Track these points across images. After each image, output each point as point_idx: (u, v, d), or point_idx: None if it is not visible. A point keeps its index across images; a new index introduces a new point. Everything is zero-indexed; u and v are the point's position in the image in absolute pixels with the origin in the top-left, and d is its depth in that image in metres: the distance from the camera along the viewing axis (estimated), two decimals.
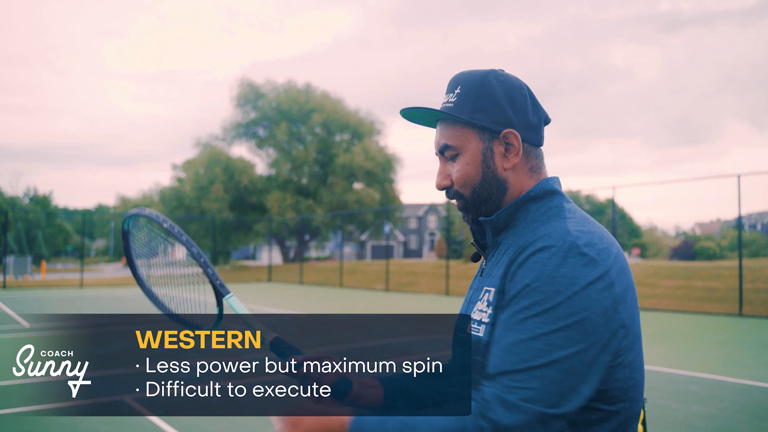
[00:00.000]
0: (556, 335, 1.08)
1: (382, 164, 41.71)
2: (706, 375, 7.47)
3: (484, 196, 1.31)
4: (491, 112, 1.30)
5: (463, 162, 1.31)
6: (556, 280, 1.11)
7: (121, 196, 78.28)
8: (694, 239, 51.90)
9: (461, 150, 1.31)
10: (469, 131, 1.30)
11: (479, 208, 1.32)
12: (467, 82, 1.32)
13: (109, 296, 20.47)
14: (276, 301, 18.86)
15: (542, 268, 1.13)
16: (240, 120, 43.55)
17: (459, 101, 1.31)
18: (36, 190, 69.67)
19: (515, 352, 1.09)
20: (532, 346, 1.08)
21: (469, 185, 1.31)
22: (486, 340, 1.18)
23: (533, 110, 1.33)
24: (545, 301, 1.10)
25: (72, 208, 78.32)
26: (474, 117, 1.29)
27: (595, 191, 58.22)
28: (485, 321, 1.21)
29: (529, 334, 1.09)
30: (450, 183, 1.33)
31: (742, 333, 11.98)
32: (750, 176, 15.74)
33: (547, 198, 1.29)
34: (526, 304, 1.11)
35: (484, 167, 1.30)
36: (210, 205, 40.30)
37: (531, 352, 1.08)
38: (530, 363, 1.07)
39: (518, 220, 1.28)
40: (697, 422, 5.40)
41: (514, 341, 1.09)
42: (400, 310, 16.19)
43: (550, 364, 1.07)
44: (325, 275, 31.47)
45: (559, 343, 1.08)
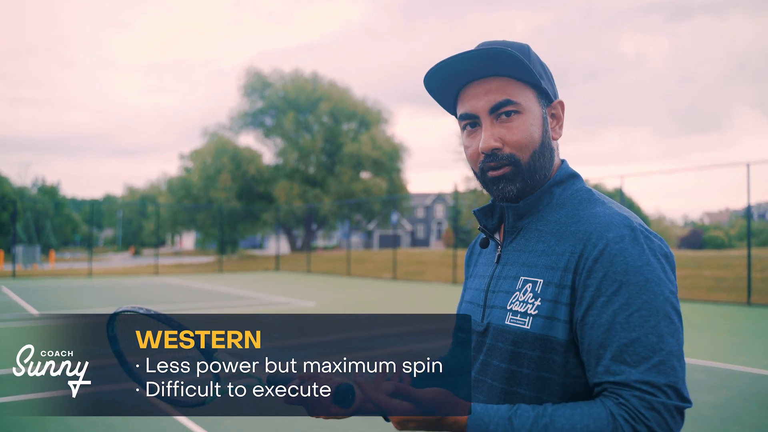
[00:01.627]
0: (661, 325, 1.07)
1: (389, 153, 41.65)
2: (714, 364, 7.44)
3: (540, 163, 1.22)
4: (547, 78, 1.25)
5: (527, 123, 1.20)
6: (643, 269, 1.10)
7: (129, 186, 78.74)
8: (703, 228, 51.68)
9: (524, 109, 1.20)
10: (530, 92, 1.22)
11: (533, 176, 1.22)
12: (515, 46, 1.23)
13: (117, 286, 20.60)
14: (284, 290, 18.92)
15: (625, 259, 1.10)
16: (247, 109, 43.56)
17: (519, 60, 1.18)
18: (44, 181, 70.02)
19: (634, 351, 1.06)
20: (648, 341, 1.06)
21: (530, 149, 1.21)
22: (537, 333, 1.15)
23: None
24: (642, 293, 1.08)
25: (80, 198, 78.75)
26: (542, 76, 1.23)
27: (603, 180, 58.01)
28: (532, 313, 1.16)
29: (641, 331, 1.07)
30: (501, 145, 1.20)
31: (751, 322, 11.94)
32: (760, 165, 15.64)
33: (570, 182, 1.27)
34: (624, 300, 1.08)
35: (544, 132, 1.23)
36: (217, 194, 40.39)
37: (649, 349, 1.06)
38: (653, 360, 1.05)
39: (542, 204, 1.25)
40: (705, 411, 5.38)
41: (628, 341, 1.07)
42: (408, 299, 16.22)
43: (669, 355, 1.06)
44: (333, 264, 31.53)
45: (666, 331, 1.07)
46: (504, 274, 1.26)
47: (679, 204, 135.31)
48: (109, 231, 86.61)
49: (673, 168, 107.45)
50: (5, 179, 54.00)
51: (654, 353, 1.06)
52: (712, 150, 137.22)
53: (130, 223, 76.46)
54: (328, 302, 15.08)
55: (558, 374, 1.14)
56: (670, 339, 1.07)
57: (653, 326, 1.07)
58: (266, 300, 15.74)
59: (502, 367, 1.20)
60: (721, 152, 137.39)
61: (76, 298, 15.98)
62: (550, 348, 1.14)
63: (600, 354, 1.09)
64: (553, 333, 1.14)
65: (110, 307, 14.16)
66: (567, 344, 1.13)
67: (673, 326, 1.08)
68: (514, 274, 1.23)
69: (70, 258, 46.14)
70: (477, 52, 1.18)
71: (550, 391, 1.15)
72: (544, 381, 1.15)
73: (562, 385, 1.14)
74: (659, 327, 1.07)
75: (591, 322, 1.10)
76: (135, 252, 64.17)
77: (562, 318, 1.14)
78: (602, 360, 1.08)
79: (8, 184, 54.05)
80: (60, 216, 64.04)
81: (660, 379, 1.05)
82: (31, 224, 50.10)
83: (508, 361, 1.19)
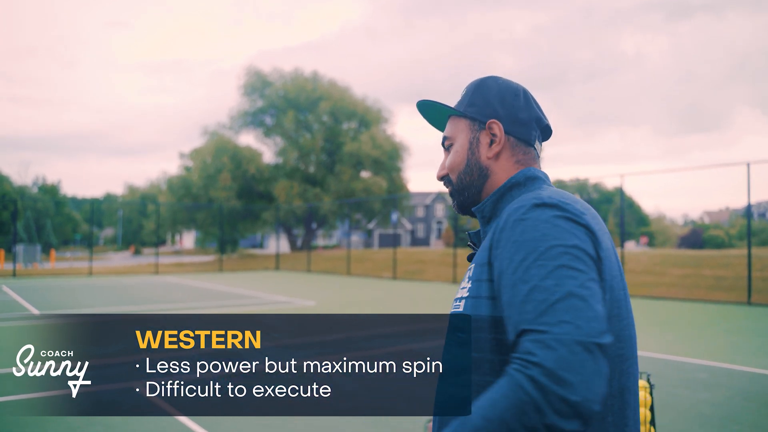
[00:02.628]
0: (559, 270, 1.06)
1: (389, 152, 41.63)
2: (714, 363, 7.45)
3: (467, 182, 1.39)
4: (481, 105, 1.40)
5: (454, 150, 1.42)
6: (540, 226, 1.12)
7: (129, 185, 78.64)
8: (703, 228, 51.68)
9: (454, 140, 1.42)
10: (463, 123, 1.42)
11: (462, 193, 1.40)
12: (470, 84, 1.46)
13: (118, 285, 20.60)
14: (284, 289, 18.92)
15: (524, 222, 1.14)
16: (247, 108, 43.53)
17: (461, 99, 1.44)
18: (45, 180, 70.03)
19: (532, 299, 1.05)
20: (544, 285, 1.05)
21: (456, 171, 1.41)
22: (466, 314, 1.19)
23: (525, 108, 1.39)
24: (537, 246, 1.10)
25: (80, 197, 78.76)
26: (467, 110, 1.41)
27: (603, 180, 58.06)
28: (465, 296, 1.23)
29: (537, 279, 1.06)
30: (446, 172, 1.43)
31: (751, 321, 11.94)
32: (760, 164, 15.62)
33: (529, 184, 1.32)
34: (521, 256, 1.10)
35: (469, 154, 1.39)
36: (217, 193, 40.38)
37: (546, 292, 1.04)
38: (550, 300, 1.03)
39: (502, 207, 1.31)
40: (705, 410, 5.39)
41: (527, 291, 1.06)
42: (408, 298, 16.22)
43: (569, 295, 1.04)
44: (333, 263, 31.53)
45: (566, 274, 1.06)
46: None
47: (679, 203, 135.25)
48: (109, 230, 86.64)
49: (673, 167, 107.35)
50: (6, 178, 54.00)
51: (551, 294, 1.04)
52: (712, 149, 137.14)
53: (130, 222, 76.48)
54: (328, 301, 15.09)
55: (487, 352, 1.15)
56: (570, 281, 1.05)
57: (550, 272, 1.06)
58: (266, 299, 15.74)
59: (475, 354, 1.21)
60: (721, 151, 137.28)
61: (77, 297, 15.98)
62: (478, 327, 1.17)
63: (508, 315, 1.09)
64: (479, 311, 1.18)
65: (111, 307, 14.11)
66: (491, 320, 1.16)
67: (573, 272, 1.07)
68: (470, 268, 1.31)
69: (70, 257, 46.15)
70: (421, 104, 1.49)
71: (481, 370, 1.15)
72: (476, 361, 1.16)
73: (490, 362, 1.15)
74: (557, 272, 1.06)
75: (501, 287, 1.13)
76: (135, 251, 64.17)
77: (484, 294, 1.18)
78: (511, 319, 1.07)
79: (9, 184, 54.06)
80: (60, 215, 64.05)
81: (557, 316, 1.02)
82: (31, 223, 50.11)
83: (449, 345, 1.21)
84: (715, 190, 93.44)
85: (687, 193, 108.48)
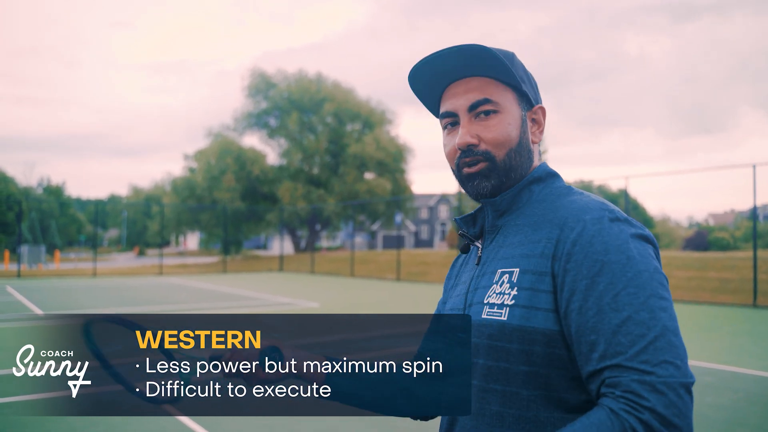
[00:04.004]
0: (651, 300, 1.03)
1: (393, 154, 41.64)
2: (719, 366, 7.42)
3: (517, 162, 1.23)
4: (529, 83, 1.27)
5: (504, 122, 1.22)
6: (623, 247, 1.06)
7: (134, 186, 78.83)
8: (708, 230, 51.54)
9: (503, 109, 1.22)
10: (510, 94, 1.24)
11: (508, 174, 1.23)
12: (500, 51, 1.23)
13: (122, 286, 20.64)
14: (287, 290, 18.93)
15: (605, 239, 1.07)
16: (251, 110, 43.62)
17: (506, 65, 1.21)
18: (49, 180, 70.29)
19: (627, 331, 1.01)
20: (639, 319, 1.01)
21: (506, 147, 1.22)
22: (515, 324, 1.10)
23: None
24: (626, 270, 1.04)
25: (85, 198, 78.99)
26: (524, 84, 1.25)
27: (607, 181, 58.01)
28: (509, 303, 1.13)
29: (631, 309, 1.02)
30: (477, 142, 1.22)
31: (756, 324, 11.89)
32: (765, 166, 15.56)
33: (550, 180, 1.27)
34: (608, 279, 1.04)
35: (522, 132, 1.24)
36: (221, 194, 40.45)
37: (642, 326, 1.01)
38: (648, 337, 1.00)
39: (521, 201, 1.24)
40: (710, 413, 5.36)
41: (620, 321, 1.02)
42: (411, 299, 16.21)
43: (664, 330, 1.01)
44: (337, 265, 31.54)
45: (657, 306, 1.03)
46: (483, 271, 1.24)
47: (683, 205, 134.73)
48: (113, 231, 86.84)
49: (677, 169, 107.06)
50: (10, 179, 54.19)
51: (649, 330, 1.01)
52: (717, 150, 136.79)
53: (134, 223, 76.66)
54: (331, 303, 15.08)
55: (540, 366, 1.09)
56: (663, 314, 1.02)
57: (643, 302, 1.03)
58: (270, 300, 15.75)
59: (480, 364, 1.15)
60: (725, 153, 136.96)
61: (81, 298, 16.02)
62: (530, 339, 1.10)
63: (592, 340, 1.04)
64: (533, 323, 1.10)
65: (115, 308, 14.13)
66: (551, 334, 1.09)
67: (664, 302, 1.04)
68: (492, 269, 1.21)
69: (74, 258, 46.28)
70: (459, 48, 1.19)
71: (531, 385, 1.10)
72: (524, 375, 1.10)
73: (545, 377, 1.09)
74: (649, 303, 1.03)
75: (577, 307, 1.06)
76: (139, 252, 64.31)
77: (542, 306, 1.10)
78: (597, 345, 1.03)
79: (14, 184, 54.25)
80: (65, 216, 64.24)
81: (658, 356, 1.00)
82: (36, 224, 50.26)
83: (485, 356, 1.15)
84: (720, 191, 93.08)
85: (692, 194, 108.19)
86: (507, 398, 1.11)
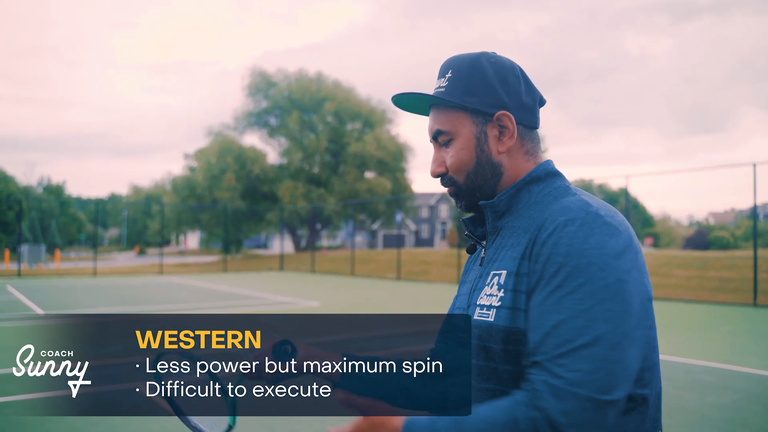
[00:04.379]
0: (595, 309, 1.03)
1: (393, 153, 41.64)
2: (720, 365, 7.41)
3: (479, 182, 1.27)
4: (483, 94, 1.26)
5: (457, 147, 1.27)
6: (587, 252, 1.06)
7: (134, 186, 78.84)
8: (708, 229, 51.53)
9: (454, 135, 1.27)
10: (462, 115, 1.26)
11: (473, 194, 1.28)
12: (458, 65, 1.28)
13: (122, 285, 20.64)
14: (288, 290, 18.93)
15: (570, 242, 1.07)
16: (251, 109, 43.61)
17: (450, 85, 1.27)
18: (50, 180, 70.29)
19: (557, 333, 1.03)
20: (574, 324, 1.02)
21: (464, 171, 1.27)
22: (501, 325, 1.13)
23: (527, 91, 1.29)
24: (579, 275, 1.05)
25: (85, 197, 79.00)
26: (466, 100, 1.25)
27: (608, 180, 57.99)
28: (496, 305, 1.15)
29: (569, 313, 1.03)
30: (445, 170, 1.29)
31: (757, 323, 11.89)
32: (766, 165, 15.56)
33: (550, 179, 1.26)
34: (559, 281, 1.06)
35: (478, 151, 1.26)
36: (222, 194, 40.45)
37: (574, 331, 1.02)
38: (575, 343, 1.01)
39: (520, 202, 1.25)
40: (710, 412, 5.36)
41: (555, 323, 1.04)
42: (412, 299, 16.21)
43: (596, 341, 1.01)
44: (337, 264, 31.54)
45: (601, 317, 1.02)
46: (483, 272, 1.26)
47: (684, 204, 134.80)
48: (114, 230, 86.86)
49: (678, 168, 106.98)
50: (11, 179, 54.20)
51: (579, 336, 1.01)
52: (717, 150, 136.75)
53: (134, 222, 76.69)
54: (332, 302, 15.08)
55: (521, 366, 1.11)
56: (603, 325, 1.02)
57: (584, 309, 1.03)
58: (270, 300, 15.75)
59: (475, 364, 1.18)
60: (726, 152, 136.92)
61: (81, 297, 16.02)
62: (515, 339, 1.11)
63: (529, 337, 1.06)
64: (516, 323, 1.11)
65: (115, 307, 14.12)
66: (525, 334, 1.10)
67: (611, 313, 1.03)
68: (488, 271, 1.24)
69: (75, 257, 46.29)
70: (407, 95, 1.30)
71: (512, 384, 1.12)
72: (509, 374, 1.12)
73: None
74: (592, 311, 1.03)
75: (531, 306, 1.09)
76: (139, 251, 64.33)
77: (521, 307, 1.12)
78: (530, 342, 1.06)
79: (14, 184, 54.24)
80: (65, 215, 64.26)
81: (577, 363, 1.00)
82: (36, 223, 50.27)
83: (476, 356, 1.17)
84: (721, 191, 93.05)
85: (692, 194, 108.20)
86: (497, 397, 1.13)
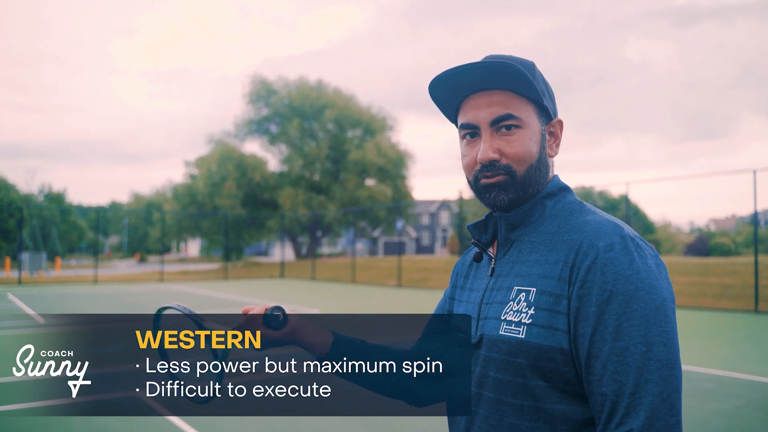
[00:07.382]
0: (652, 333, 1.07)
1: (394, 160, 41.68)
2: (722, 372, 7.40)
3: (535, 178, 1.25)
4: (549, 96, 1.28)
5: (526, 137, 1.22)
6: (633, 277, 1.09)
7: (135, 193, 78.96)
8: (709, 235, 51.48)
9: (524, 124, 1.23)
10: (532, 108, 1.24)
11: (525, 188, 1.24)
12: (522, 62, 1.26)
13: (123, 292, 20.63)
14: (288, 297, 18.91)
15: (616, 269, 1.10)
16: (252, 116, 43.70)
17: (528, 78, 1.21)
18: (51, 187, 70.30)
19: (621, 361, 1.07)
20: (636, 351, 1.06)
21: (527, 162, 1.23)
22: (533, 342, 1.14)
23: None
24: (632, 302, 1.08)
25: (86, 204, 79.07)
26: (545, 99, 1.25)
27: (608, 187, 58.10)
28: (526, 322, 1.16)
29: (629, 341, 1.07)
30: (499, 156, 1.22)
31: (758, 330, 11.86)
32: (766, 171, 15.55)
33: (561, 194, 1.29)
34: (613, 310, 1.09)
35: (542, 147, 1.26)
36: (222, 201, 40.48)
37: (638, 359, 1.06)
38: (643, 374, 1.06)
39: (534, 216, 1.26)
40: (713, 420, 5.35)
41: (619, 351, 1.07)
42: (412, 306, 16.19)
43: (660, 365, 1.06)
44: (338, 271, 31.51)
45: (658, 339, 1.07)
46: (497, 285, 1.26)
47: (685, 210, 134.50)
48: (114, 238, 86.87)
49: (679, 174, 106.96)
50: (12, 186, 54.25)
51: (644, 362, 1.06)
52: (718, 156, 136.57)
53: (135, 230, 76.69)
54: (332, 309, 15.07)
55: (555, 381, 1.14)
56: (660, 348, 1.07)
57: (643, 335, 1.07)
58: None
59: (497, 378, 1.19)
60: (727, 158, 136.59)
61: (82, 305, 16.01)
62: (547, 357, 1.14)
63: (591, 365, 1.09)
64: (550, 342, 1.13)
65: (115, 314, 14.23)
66: (566, 353, 1.13)
67: (664, 335, 1.08)
68: (507, 285, 1.23)
69: (75, 265, 46.27)
70: (484, 64, 1.20)
71: (548, 399, 1.14)
72: (541, 389, 1.14)
73: (560, 391, 1.14)
74: (649, 336, 1.07)
75: (583, 332, 1.11)
76: (140, 259, 64.30)
77: (560, 327, 1.13)
78: (594, 370, 1.09)
79: (15, 191, 54.29)
80: (66, 223, 64.28)
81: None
82: (37, 231, 50.30)
83: (502, 371, 1.18)
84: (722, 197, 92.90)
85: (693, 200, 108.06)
86: (523, 411, 1.15)
